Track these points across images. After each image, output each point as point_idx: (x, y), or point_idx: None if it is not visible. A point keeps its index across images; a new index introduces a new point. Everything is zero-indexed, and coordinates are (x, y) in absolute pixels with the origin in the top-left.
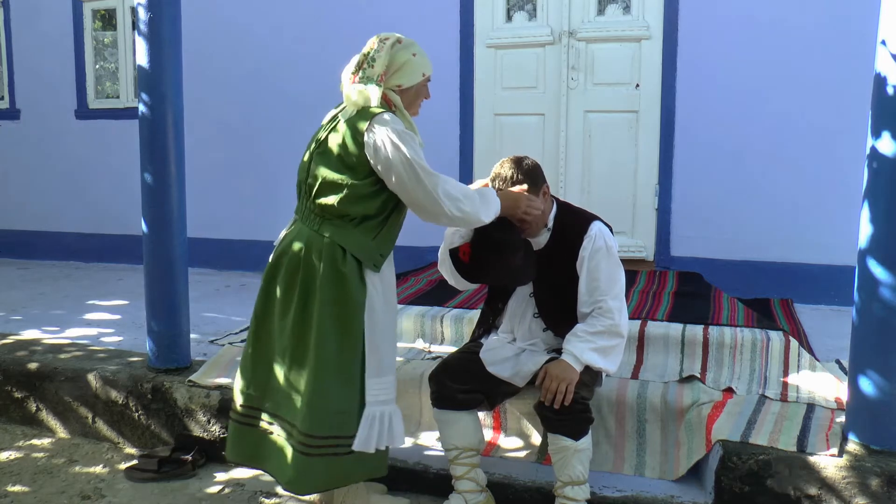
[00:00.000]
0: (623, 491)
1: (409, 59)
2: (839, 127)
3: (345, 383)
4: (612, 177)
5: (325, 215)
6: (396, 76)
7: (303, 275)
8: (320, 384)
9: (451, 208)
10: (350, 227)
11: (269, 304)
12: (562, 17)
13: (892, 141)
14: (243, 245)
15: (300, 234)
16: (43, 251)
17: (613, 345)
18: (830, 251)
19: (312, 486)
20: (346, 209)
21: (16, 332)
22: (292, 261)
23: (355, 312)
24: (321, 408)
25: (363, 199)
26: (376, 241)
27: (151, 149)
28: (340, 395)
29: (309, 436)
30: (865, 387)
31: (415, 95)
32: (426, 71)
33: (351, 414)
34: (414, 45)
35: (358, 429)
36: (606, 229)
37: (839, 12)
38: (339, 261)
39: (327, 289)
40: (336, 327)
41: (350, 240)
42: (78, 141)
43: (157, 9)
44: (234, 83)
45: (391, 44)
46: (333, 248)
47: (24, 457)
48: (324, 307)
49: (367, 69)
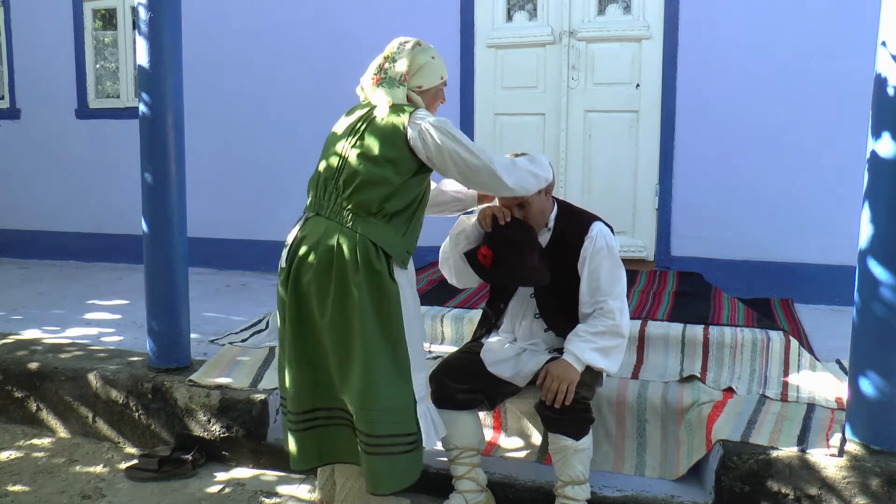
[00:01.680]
0: (623, 491)
1: (429, 61)
2: (839, 127)
3: (399, 381)
4: (612, 176)
5: (360, 212)
6: (417, 77)
7: (337, 273)
8: (374, 384)
9: (508, 178)
10: (382, 223)
11: (300, 307)
12: (562, 17)
13: (893, 141)
14: (243, 245)
15: (327, 233)
16: (43, 251)
17: (614, 345)
18: (830, 251)
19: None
20: (384, 206)
21: (16, 332)
22: (322, 260)
23: (393, 309)
24: (377, 408)
25: (403, 195)
26: (405, 237)
27: (151, 149)
28: (396, 394)
29: (370, 435)
30: (865, 387)
31: (433, 97)
32: (443, 74)
33: (409, 410)
34: (432, 48)
35: (418, 426)
36: (607, 230)
37: (839, 12)
38: (373, 259)
39: (365, 286)
40: (378, 326)
41: (383, 236)
42: (78, 141)
43: (157, 9)
44: (235, 83)
45: (412, 46)
46: (366, 245)
47: (24, 456)
48: (363, 305)
49: (389, 70)
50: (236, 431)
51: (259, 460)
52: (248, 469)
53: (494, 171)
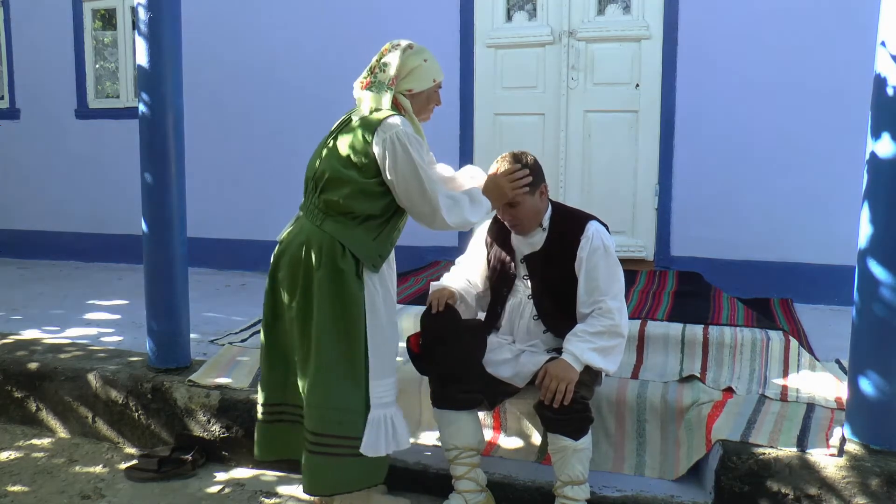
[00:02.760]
0: (623, 491)
1: (421, 64)
2: (839, 127)
3: (349, 384)
4: (612, 176)
5: (329, 211)
6: (407, 80)
7: (303, 270)
8: (322, 382)
9: (448, 217)
10: (353, 224)
11: (276, 301)
12: (562, 17)
13: (892, 142)
14: (243, 245)
15: (301, 230)
16: (43, 251)
17: (613, 345)
18: (830, 251)
19: (324, 486)
20: (351, 206)
21: (16, 332)
22: (293, 256)
23: (355, 311)
24: (323, 406)
25: (369, 197)
26: (377, 241)
27: (151, 149)
28: (344, 395)
29: (314, 434)
30: (865, 387)
31: (425, 101)
32: (437, 77)
33: (357, 415)
34: (425, 51)
35: (364, 432)
36: (603, 229)
37: (839, 13)
38: (337, 257)
39: (325, 284)
40: (336, 326)
41: (350, 237)
42: (78, 141)
43: (157, 9)
44: (234, 83)
45: (402, 49)
46: (333, 244)
47: (23, 457)
48: (322, 303)
49: (379, 73)
50: (236, 431)
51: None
52: (248, 469)
53: (437, 206)
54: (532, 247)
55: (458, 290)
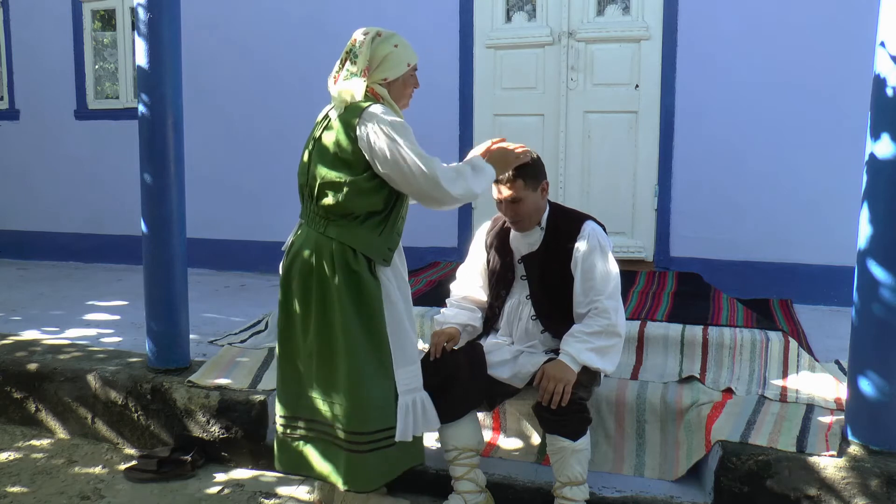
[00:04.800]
0: (623, 491)
1: (392, 51)
2: (839, 127)
3: (381, 377)
4: (611, 177)
5: (330, 216)
6: (380, 70)
7: (317, 280)
8: (358, 383)
9: (453, 190)
10: (355, 225)
11: (289, 314)
12: (561, 18)
13: (891, 142)
14: (243, 245)
15: (308, 240)
16: (43, 251)
17: (611, 345)
18: (830, 251)
19: (370, 482)
20: (349, 206)
21: (15, 333)
22: (304, 267)
23: (375, 308)
24: (363, 405)
25: (365, 194)
26: (382, 236)
27: (151, 149)
28: (379, 390)
29: (356, 433)
30: (865, 387)
31: (402, 86)
32: (410, 61)
33: (390, 406)
34: (395, 36)
35: (396, 420)
36: (599, 228)
37: (839, 13)
38: (350, 261)
39: (345, 292)
40: (361, 326)
41: (357, 239)
42: (77, 141)
43: (157, 9)
44: (234, 83)
45: (371, 38)
46: (343, 250)
47: (23, 457)
48: (345, 310)
49: (350, 65)
50: (235, 432)
51: (258, 461)
52: (248, 470)
53: (438, 182)
54: (530, 247)
55: (461, 324)
